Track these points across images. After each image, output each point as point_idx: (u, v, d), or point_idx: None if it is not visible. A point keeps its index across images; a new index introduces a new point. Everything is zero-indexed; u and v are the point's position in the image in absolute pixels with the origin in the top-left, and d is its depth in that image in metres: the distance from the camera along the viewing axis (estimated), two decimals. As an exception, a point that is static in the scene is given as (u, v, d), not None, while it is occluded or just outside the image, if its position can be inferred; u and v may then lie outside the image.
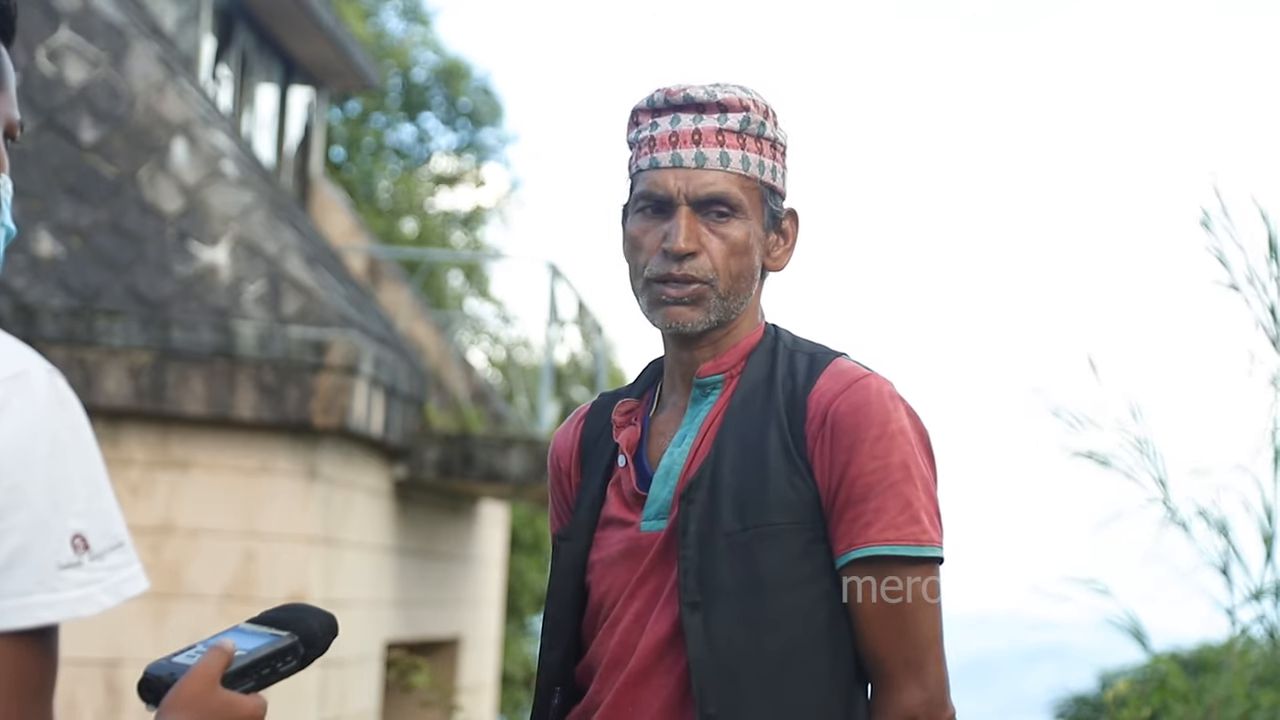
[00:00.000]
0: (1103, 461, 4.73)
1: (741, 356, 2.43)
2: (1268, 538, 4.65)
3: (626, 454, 2.44)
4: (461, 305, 22.70)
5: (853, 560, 2.31)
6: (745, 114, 2.41)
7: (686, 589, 2.31)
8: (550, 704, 2.45)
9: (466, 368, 13.35)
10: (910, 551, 2.30)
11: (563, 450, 2.57)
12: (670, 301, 2.39)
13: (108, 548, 1.56)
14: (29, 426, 1.53)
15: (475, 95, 23.49)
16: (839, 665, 2.33)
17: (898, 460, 2.31)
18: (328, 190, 14.03)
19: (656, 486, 2.40)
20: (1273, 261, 4.64)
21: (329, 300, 8.97)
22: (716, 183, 2.39)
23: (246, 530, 8.63)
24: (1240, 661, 4.79)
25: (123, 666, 8.38)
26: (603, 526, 2.44)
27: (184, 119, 9.35)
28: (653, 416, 2.48)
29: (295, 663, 1.72)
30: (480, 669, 12.89)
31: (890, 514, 2.30)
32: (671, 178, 2.39)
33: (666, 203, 2.40)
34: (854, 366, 2.39)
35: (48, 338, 8.43)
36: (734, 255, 2.39)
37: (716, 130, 2.40)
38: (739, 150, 2.40)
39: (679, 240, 2.37)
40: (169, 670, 1.66)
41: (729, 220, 2.39)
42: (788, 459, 2.34)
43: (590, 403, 2.60)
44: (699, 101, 2.42)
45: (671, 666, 2.33)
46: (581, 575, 2.44)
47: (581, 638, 2.45)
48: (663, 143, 2.41)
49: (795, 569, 2.32)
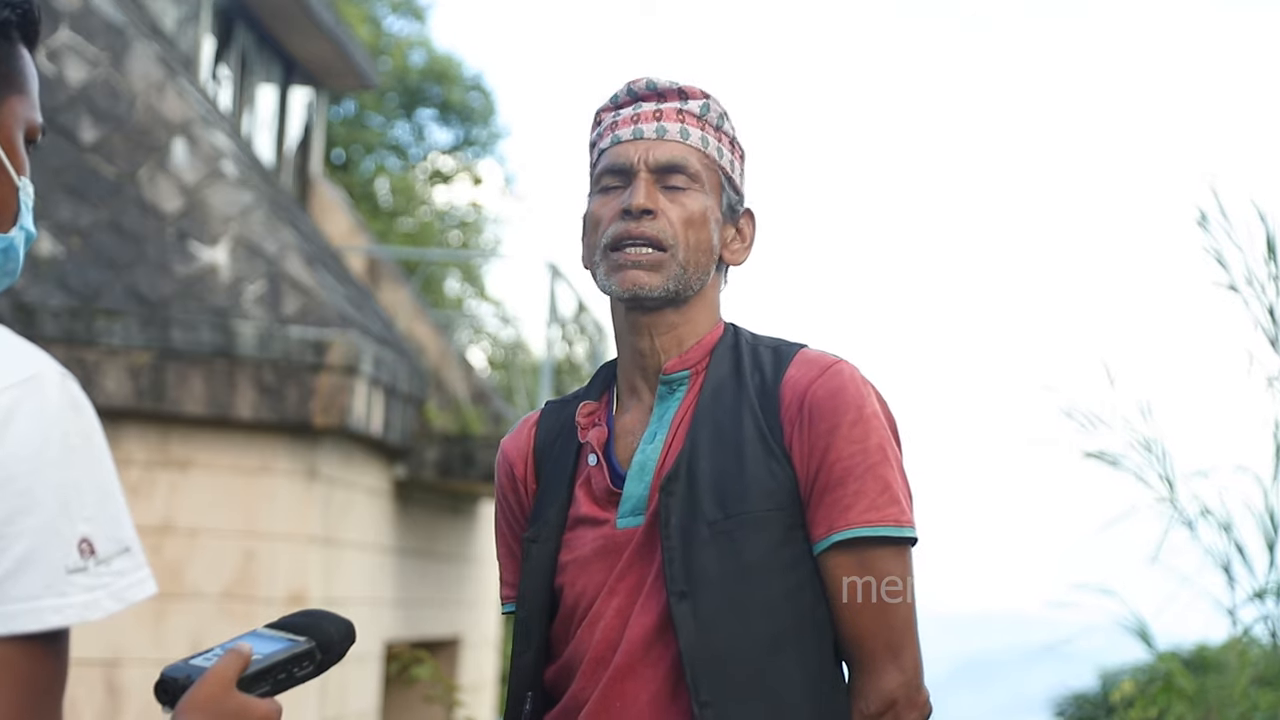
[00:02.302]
0: (1112, 462, 4.73)
1: (706, 352, 2.45)
2: (1270, 542, 4.64)
3: (598, 453, 2.44)
4: (460, 305, 22.70)
5: (835, 543, 2.33)
6: (706, 101, 2.47)
7: (673, 579, 2.32)
8: (523, 708, 2.45)
9: (466, 368, 13.35)
10: (891, 532, 2.32)
11: (516, 457, 2.55)
12: (629, 265, 2.40)
13: (114, 553, 1.56)
14: (40, 431, 1.54)
15: (467, 92, 23.51)
16: (824, 650, 2.35)
17: (875, 443, 2.34)
18: (328, 190, 14.04)
19: (631, 483, 2.40)
20: (1271, 262, 4.63)
21: (329, 300, 8.97)
22: (677, 151, 2.43)
23: (246, 530, 8.63)
24: (1240, 661, 4.79)
25: (123, 666, 8.37)
26: (573, 527, 2.44)
27: (184, 119, 9.35)
28: (615, 417, 2.49)
29: (312, 668, 1.73)
30: (480, 669, 12.89)
31: (870, 496, 2.32)
32: (632, 148, 2.44)
33: (626, 170, 2.43)
34: (823, 354, 2.42)
35: (48, 338, 8.43)
36: (691, 226, 2.41)
37: (678, 110, 2.45)
38: (699, 130, 2.45)
39: (638, 197, 2.39)
40: (186, 672, 1.67)
41: (687, 191, 2.42)
42: (765, 446, 2.35)
43: (538, 410, 2.60)
44: (660, 89, 2.47)
45: (659, 659, 2.34)
46: (551, 577, 2.44)
47: (552, 640, 2.45)
48: (624, 123, 2.46)
49: (778, 555, 2.33)
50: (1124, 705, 4.94)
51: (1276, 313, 4.63)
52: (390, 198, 22.50)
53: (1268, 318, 4.63)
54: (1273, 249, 4.63)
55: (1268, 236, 4.64)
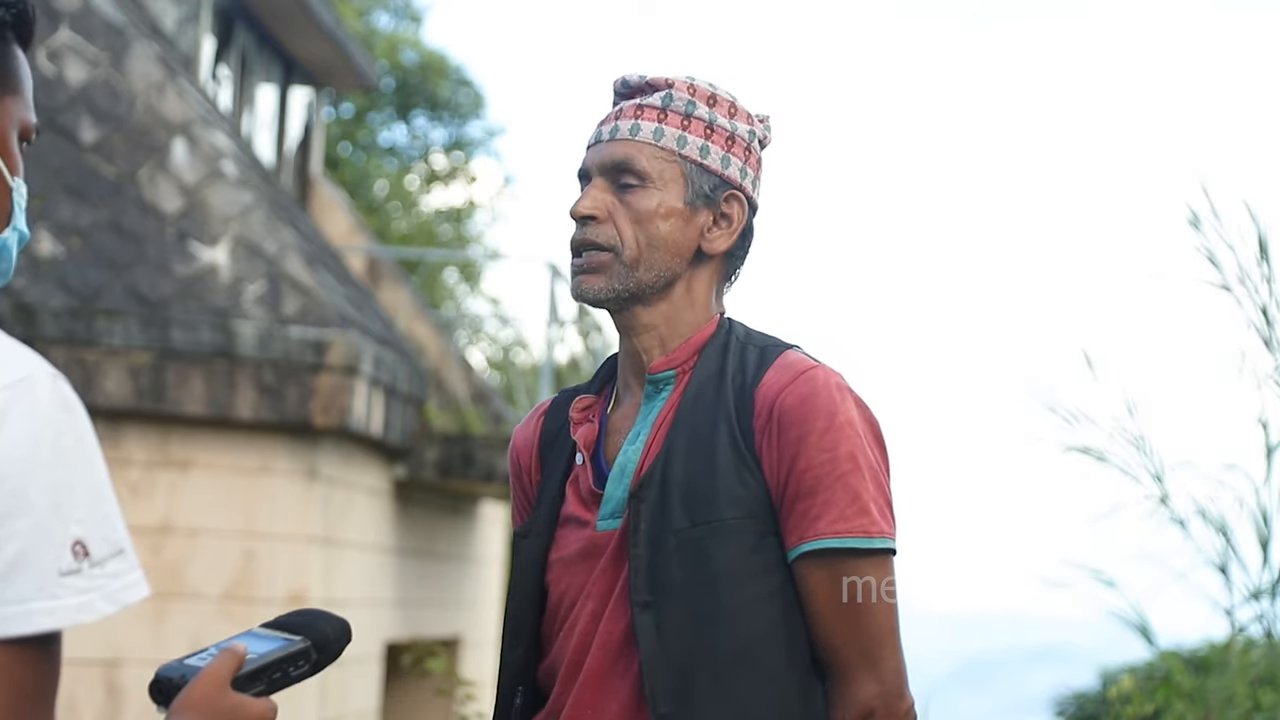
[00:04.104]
0: (1099, 457, 4.72)
1: (694, 351, 2.42)
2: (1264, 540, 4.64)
3: (584, 452, 2.43)
4: (457, 304, 22.68)
5: (803, 554, 2.30)
6: (668, 91, 2.44)
7: (636, 589, 2.30)
8: (513, 704, 2.44)
9: (466, 368, 13.35)
10: (859, 544, 2.29)
11: (523, 447, 2.55)
12: (577, 271, 2.42)
13: (108, 554, 1.56)
14: (33, 432, 1.53)
15: (456, 87, 23.49)
16: (795, 659, 2.31)
17: (845, 452, 2.29)
18: (328, 190, 14.03)
19: (612, 485, 2.39)
20: (1264, 262, 4.62)
21: (329, 300, 8.97)
22: (621, 151, 2.41)
23: (246, 530, 8.63)
24: (1241, 661, 4.78)
25: (123, 667, 8.37)
26: (562, 525, 2.43)
27: (184, 119, 9.35)
28: (610, 413, 2.47)
29: (307, 668, 1.73)
30: (480, 669, 12.88)
31: (839, 506, 2.28)
32: (591, 153, 2.45)
33: (585, 177, 2.44)
34: (802, 359, 2.38)
35: (48, 338, 8.43)
36: (638, 223, 2.39)
37: (636, 106, 2.44)
38: (654, 123, 2.42)
39: (579, 205, 2.41)
40: (180, 672, 1.67)
41: (636, 190, 2.40)
42: (736, 454, 2.32)
43: (550, 399, 2.58)
44: (632, 86, 2.47)
45: (627, 667, 2.32)
46: (541, 573, 2.43)
47: (541, 638, 2.44)
48: (596, 127, 2.48)
49: (747, 564, 2.30)
50: (1121, 702, 4.94)
51: (1269, 311, 4.61)
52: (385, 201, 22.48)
53: (1261, 318, 4.62)
54: (1265, 249, 4.62)
55: (1260, 236, 4.63)
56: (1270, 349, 4.61)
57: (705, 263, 2.44)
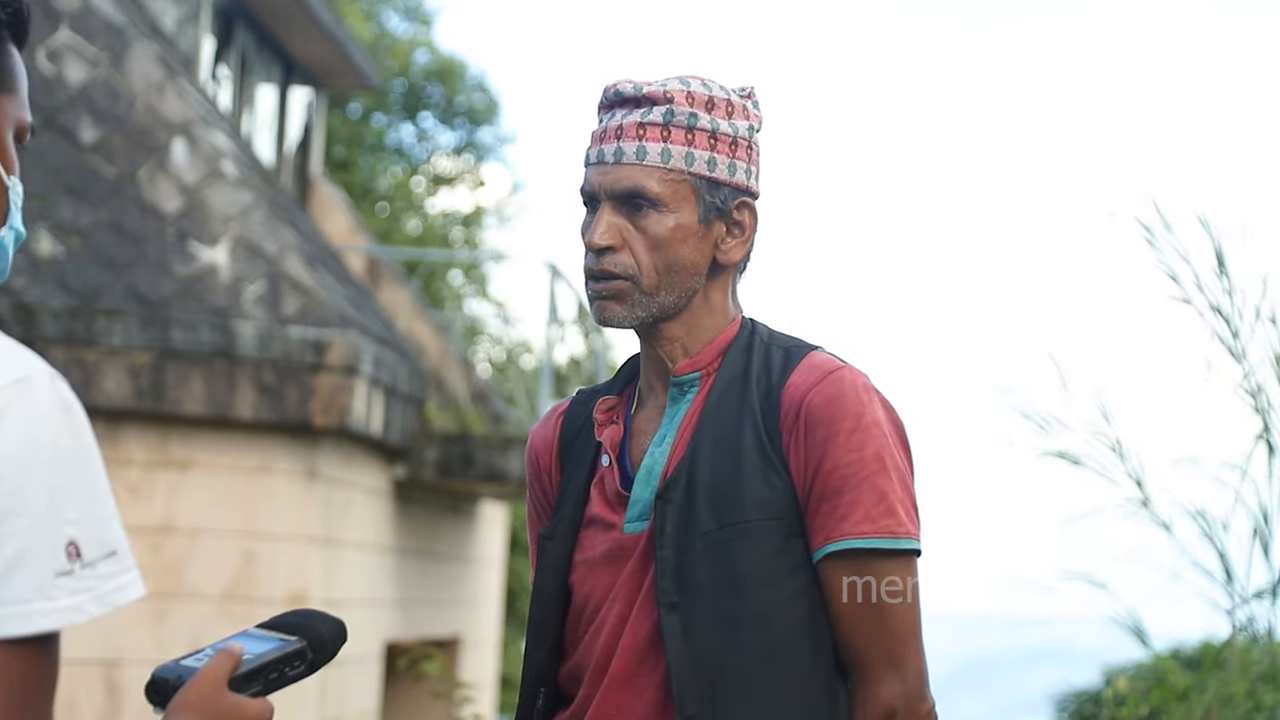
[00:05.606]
0: (1075, 461, 4.71)
1: (718, 353, 2.42)
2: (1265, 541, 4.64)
3: (610, 453, 2.43)
4: (461, 306, 22.69)
5: (829, 554, 2.30)
6: (669, 106, 2.39)
7: (664, 590, 2.31)
8: (535, 705, 2.44)
9: (466, 368, 13.35)
10: (886, 544, 2.29)
11: (541, 447, 2.54)
12: (598, 298, 2.40)
13: (100, 556, 1.56)
14: (31, 432, 1.53)
15: (471, 93, 23.50)
16: (821, 660, 2.32)
17: (872, 452, 2.30)
18: (328, 190, 14.04)
19: (639, 487, 2.38)
20: (1223, 275, 4.59)
21: (329, 300, 8.98)
22: (631, 177, 2.38)
23: (246, 530, 8.63)
24: (1241, 660, 4.78)
25: (122, 667, 8.38)
26: (587, 526, 2.43)
27: (184, 119, 9.35)
28: (634, 414, 2.47)
29: (303, 668, 1.73)
30: (480, 669, 12.89)
31: (865, 507, 2.29)
32: (595, 174, 2.41)
33: (592, 198, 2.42)
34: (829, 359, 2.37)
35: (48, 338, 8.43)
36: (656, 249, 2.37)
37: (637, 125, 2.39)
38: (659, 144, 2.38)
39: (594, 235, 2.38)
40: (177, 673, 1.67)
41: (649, 214, 2.37)
42: (762, 455, 2.32)
43: (568, 399, 2.58)
44: (626, 97, 2.42)
45: (654, 669, 2.32)
46: (566, 574, 2.43)
47: (565, 638, 2.43)
48: (594, 140, 2.44)
49: (773, 565, 2.31)
50: (1116, 703, 4.94)
51: (1232, 322, 4.59)
52: (389, 205, 22.49)
53: (1225, 327, 4.59)
54: (1222, 261, 4.58)
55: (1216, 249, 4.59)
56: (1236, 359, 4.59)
57: (721, 272, 2.44)
